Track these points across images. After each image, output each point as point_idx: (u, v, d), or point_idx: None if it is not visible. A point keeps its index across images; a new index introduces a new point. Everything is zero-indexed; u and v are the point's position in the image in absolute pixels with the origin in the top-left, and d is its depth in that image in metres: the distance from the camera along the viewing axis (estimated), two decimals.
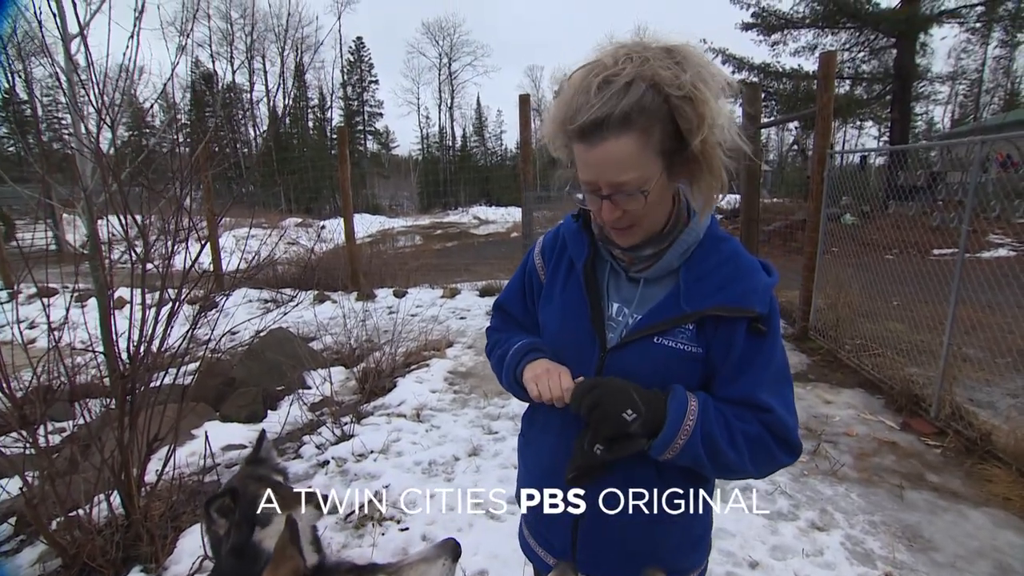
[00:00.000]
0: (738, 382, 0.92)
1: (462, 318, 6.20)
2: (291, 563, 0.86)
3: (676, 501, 1.01)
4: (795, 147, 30.64)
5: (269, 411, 4.01)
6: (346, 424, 3.41)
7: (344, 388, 4.12)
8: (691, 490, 1.02)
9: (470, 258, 11.07)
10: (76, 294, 3.28)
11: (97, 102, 2.49)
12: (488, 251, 12.45)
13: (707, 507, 1.08)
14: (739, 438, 0.90)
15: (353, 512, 2.58)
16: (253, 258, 3.64)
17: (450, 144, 46.66)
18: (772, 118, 14.40)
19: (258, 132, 38.44)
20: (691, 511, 1.04)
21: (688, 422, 0.88)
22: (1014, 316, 3.96)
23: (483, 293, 7.21)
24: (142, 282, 2.44)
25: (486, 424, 3.48)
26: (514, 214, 23.20)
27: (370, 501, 2.63)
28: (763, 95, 14.55)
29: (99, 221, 2.89)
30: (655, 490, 0.99)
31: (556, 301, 1.05)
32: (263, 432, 1.56)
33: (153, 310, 2.44)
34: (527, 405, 1.20)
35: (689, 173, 0.86)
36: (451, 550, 0.93)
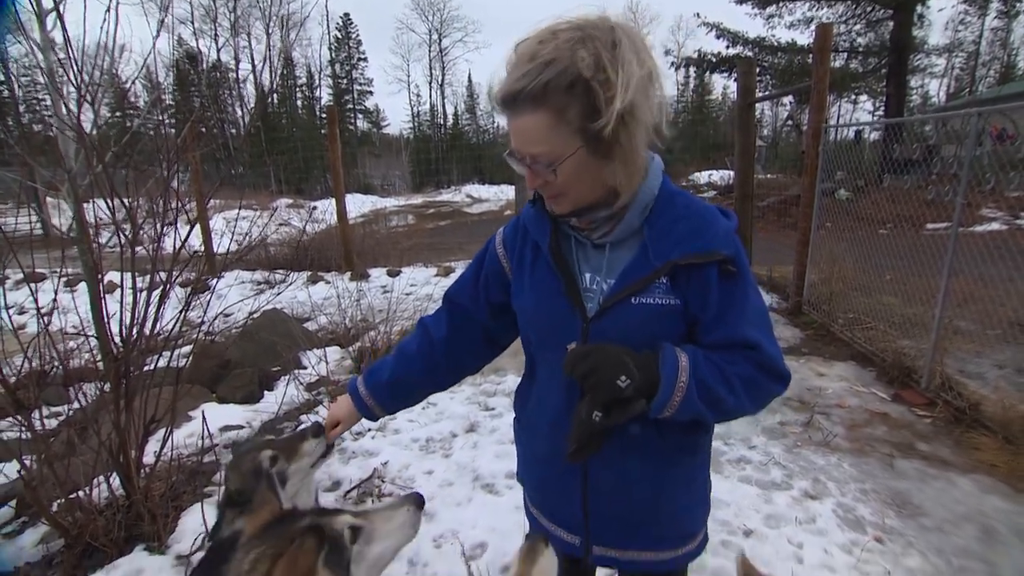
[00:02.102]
0: (721, 325, 0.94)
1: None
2: (269, 506, 0.92)
3: (679, 458, 1.04)
4: (790, 122, 30.45)
5: (265, 392, 4.01)
6: None
7: (340, 367, 4.12)
8: (692, 446, 1.05)
9: (463, 237, 11.02)
10: (65, 279, 3.24)
11: (76, 79, 2.42)
12: (481, 229, 12.37)
13: (707, 463, 1.12)
14: (734, 381, 0.92)
15: (353, 488, 2.61)
16: (244, 239, 3.61)
17: (441, 122, 46.03)
18: (766, 92, 14.27)
19: (246, 109, 37.66)
20: (693, 468, 1.07)
21: (682, 378, 0.90)
22: (1005, 289, 4.00)
23: None
24: (131, 265, 2.40)
25: (482, 401, 3.50)
26: (507, 192, 23.04)
27: (369, 478, 2.66)
28: (757, 69, 14.37)
29: (85, 204, 2.84)
30: (658, 451, 1.01)
31: (527, 284, 1.05)
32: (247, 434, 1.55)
33: (145, 293, 2.41)
34: (518, 386, 1.22)
35: (607, 154, 0.88)
36: (415, 500, 1.00)
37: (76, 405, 2.76)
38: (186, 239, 2.56)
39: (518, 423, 1.23)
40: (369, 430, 3.14)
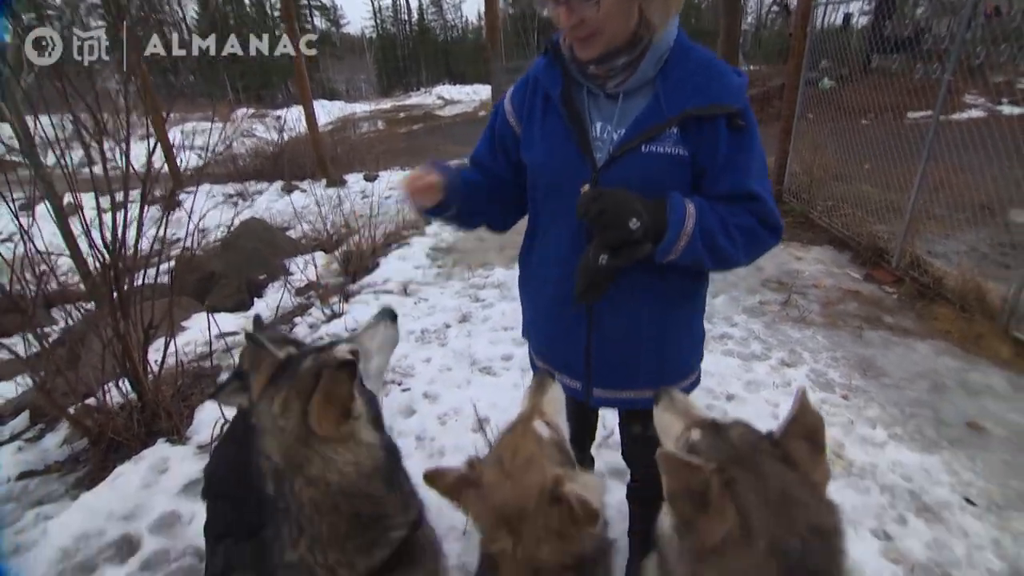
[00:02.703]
0: (728, 177, 0.99)
1: None
2: (267, 361, 0.98)
3: (680, 302, 1.12)
4: (775, 7, 28.84)
5: (255, 299, 4.04)
6: (335, 304, 3.47)
7: (327, 272, 4.14)
8: (692, 292, 1.13)
9: (439, 139, 10.63)
10: (21, 202, 3.08)
11: None
12: (457, 131, 11.91)
13: (702, 311, 1.21)
14: (734, 232, 0.98)
15: None
16: (208, 152, 3.45)
17: (406, 18, 42.38)
18: None
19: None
20: (693, 313, 1.16)
21: (688, 224, 0.95)
22: (981, 174, 4.09)
23: None
24: (106, 180, 2.30)
25: (472, 293, 3.58)
26: (481, 92, 21.90)
27: None
28: None
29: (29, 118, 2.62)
30: (662, 295, 1.08)
31: (537, 136, 1.07)
32: (257, 316, 1.63)
33: (121, 212, 2.33)
34: (522, 246, 1.27)
35: None
36: (388, 314, 1.13)
37: (63, 325, 2.75)
38: (152, 154, 2.44)
39: (523, 280, 1.29)
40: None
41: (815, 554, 0.70)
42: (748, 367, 2.66)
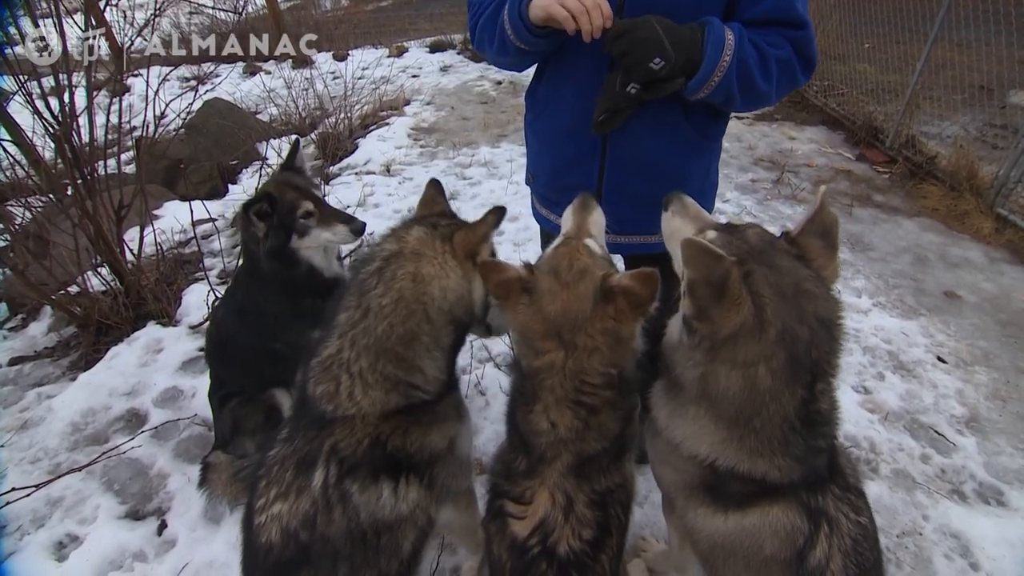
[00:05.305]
0: None
1: (415, 76, 5.69)
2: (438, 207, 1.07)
3: (701, 144, 1.07)
4: None
5: (229, 185, 3.83)
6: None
7: (304, 155, 3.92)
8: (714, 133, 1.07)
9: (412, 15, 9.69)
10: None
11: None
12: (430, 7, 10.86)
13: (718, 157, 1.17)
14: (771, 65, 0.91)
15: (346, 257, 2.68)
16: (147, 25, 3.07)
17: None
18: None
19: None
20: (711, 156, 1.11)
21: (725, 58, 0.87)
22: (985, 54, 3.91)
23: (434, 48, 6.52)
24: (65, 61, 2.02)
25: (459, 172, 3.46)
26: None
27: (358, 247, 2.72)
28: None
29: None
30: (684, 137, 1.03)
31: None
32: (297, 140, 1.59)
33: (67, 87, 2.08)
34: (527, 87, 1.17)
35: None
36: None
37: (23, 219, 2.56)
38: (95, 38, 2.14)
39: (532, 113, 1.20)
40: (348, 206, 3.11)
41: (819, 344, 0.74)
42: None
